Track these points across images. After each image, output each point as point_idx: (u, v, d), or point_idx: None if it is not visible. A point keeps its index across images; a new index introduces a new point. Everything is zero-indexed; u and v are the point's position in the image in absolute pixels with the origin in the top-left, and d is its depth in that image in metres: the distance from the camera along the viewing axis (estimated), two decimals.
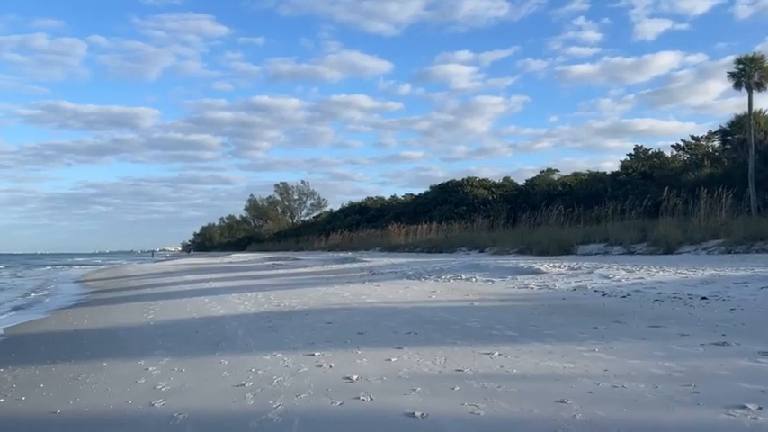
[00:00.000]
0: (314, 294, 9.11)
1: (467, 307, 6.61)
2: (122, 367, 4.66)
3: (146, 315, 8.12)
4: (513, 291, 7.97)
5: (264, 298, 9.10)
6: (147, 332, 6.53)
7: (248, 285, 12.04)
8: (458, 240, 24.10)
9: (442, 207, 40.81)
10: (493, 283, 8.90)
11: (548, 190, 38.81)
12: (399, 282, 10.31)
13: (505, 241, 19.75)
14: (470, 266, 11.01)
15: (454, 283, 9.51)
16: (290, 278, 13.85)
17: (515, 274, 9.41)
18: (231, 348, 5.06)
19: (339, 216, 57.08)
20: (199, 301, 9.34)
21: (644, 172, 31.17)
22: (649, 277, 7.68)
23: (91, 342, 6.29)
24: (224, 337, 5.67)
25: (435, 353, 4.20)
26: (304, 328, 5.85)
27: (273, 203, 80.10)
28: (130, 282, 17.25)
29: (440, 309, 6.56)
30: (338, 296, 8.57)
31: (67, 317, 9.05)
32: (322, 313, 6.83)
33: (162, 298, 10.59)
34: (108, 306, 10.21)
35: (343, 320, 6.16)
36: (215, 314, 7.60)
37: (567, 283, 8.06)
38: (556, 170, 44.04)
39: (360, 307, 7.22)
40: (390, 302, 7.47)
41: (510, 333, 4.83)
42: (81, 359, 5.25)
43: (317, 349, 4.67)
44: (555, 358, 3.84)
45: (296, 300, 8.50)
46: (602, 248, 15.74)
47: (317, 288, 10.22)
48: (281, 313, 7.14)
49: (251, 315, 7.20)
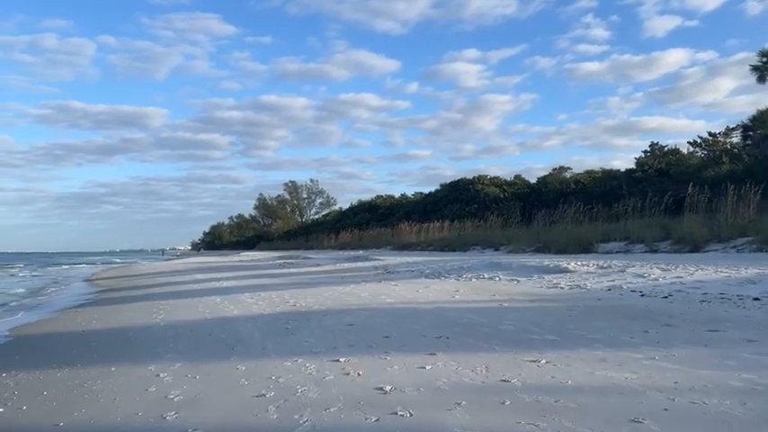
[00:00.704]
0: (330, 294, 8.75)
1: (495, 308, 6.21)
2: (132, 373, 4.33)
3: (156, 315, 7.81)
4: (542, 291, 7.54)
5: (279, 298, 8.76)
6: (158, 333, 6.20)
7: (261, 285, 11.71)
8: (471, 239, 23.65)
9: (453, 205, 40.36)
10: (518, 283, 8.48)
11: (560, 188, 38.34)
12: (418, 281, 9.91)
13: (521, 239, 19.30)
14: (491, 265, 10.59)
15: (477, 282, 9.10)
16: (303, 277, 13.50)
17: (541, 273, 8.98)
18: (248, 353, 4.71)
19: (348, 215, 56.72)
20: (211, 301, 9.02)
21: (660, 169, 30.54)
22: (688, 276, 7.23)
23: (99, 344, 5.97)
24: (239, 340, 5.32)
25: (473, 360, 3.81)
26: (324, 330, 5.49)
27: (283, 202, 79.96)
28: (140, 281, 17.01)
29: (466, 310, 6.17)
30: (355, 296, 8.20)
31: (76, 317, 8.77)
32: (341, 314, 6.46)
33: (172, 297, 10.29)
34: (117, 306, 9.93)
35: (364, 322, 5.79)
36: (228, 315, 7.26)
37: (599, 282, 7.63)
38: (568, 168, 43.48)
39: (380, 308, 6.85)
40: (411, 303, 7.09)
41: (551, 337, 4.43)
42: (88, 363, 4.93)
43: (341, 354, 4.30)
44: (611, 367, 3.44)
45: (312, 300, 8.14)
46: (622, 246, 15.26)
47: (332, 287, 9.86)
48: (298, 314, 6.78)
49: (266, 316, 6.85)
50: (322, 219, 67.46)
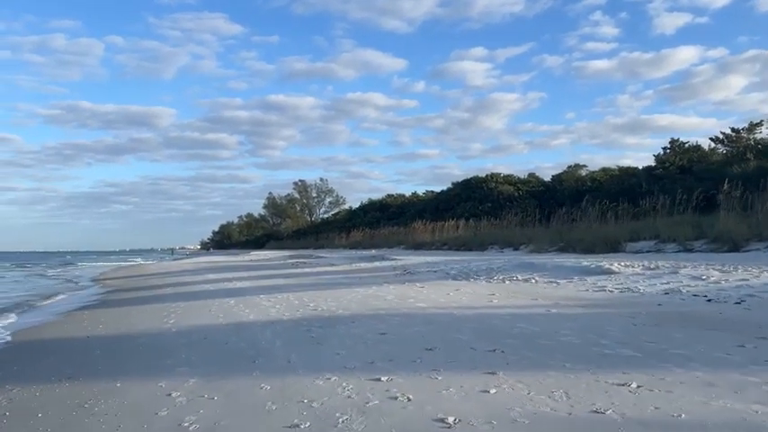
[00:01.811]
0: (352, 297, 8.14)
1: (544, 315, 5.56)
2: (139, 391, 3.76)
3: (167, 319, 7.25)
4: (589, 294, 6.87)
5: (297, 300, 8.16)
6: (169, 341, 5.63)
7: (275, 286, 11.13)
8: (488, 238, 22.93)
9: (466, 204, 39.67)
10: (558, 285, 7.80)
11: (576, 186, 37.63)
12: (445, 283, 9.26)
13: (542, 238, 18.58)
14: (523, 266, 9.91)
15: (511, 284, 8.43)
16: (319, 278, 12.90)
17: (581, 274, 8.30)
18: (271, 367, 4.12)
19: (359, 213, 56.12)
20: (224, 304, 8.45)
21: (682, 166, 29.65)
22: (754, 279, 6.52)
23: (104, 353, 5.41)
24: (260, 351, 4.72)
25: (545, 382, 3.18)
26: (355, 340, 4.88)
27: (292, 201, 79.57)
28: (150, 281, 16.51)
29: (511, 317, 5.52)
30: (381, 299, 7.58)
31: (82, 319, 8.24)
32: (370, 320, 5.85)
33: (183, 299, 9.74)
34: (126, 308, 9.39)
35: (398, 331, 5.17)
36: (244, 320, 6.68)
37: (651, 285, 6.95)
38: (584, 165, 42.68)
39: (411, 313, 6.22)
40: (445, 308, 6.45)
41: (627, 352, 3.78)
42: (91, 377, 4.37)
43: (381, 371, 3.69)
44: (726, 394, 2.79)
45: (333, 303, 7.54)
46: (653, 246, 14.51)
47: (353, 289, 9.25)
48: (321, 319, 6.18)
49: (286, 322, 6.25)
50: (332, 218, 66.92)
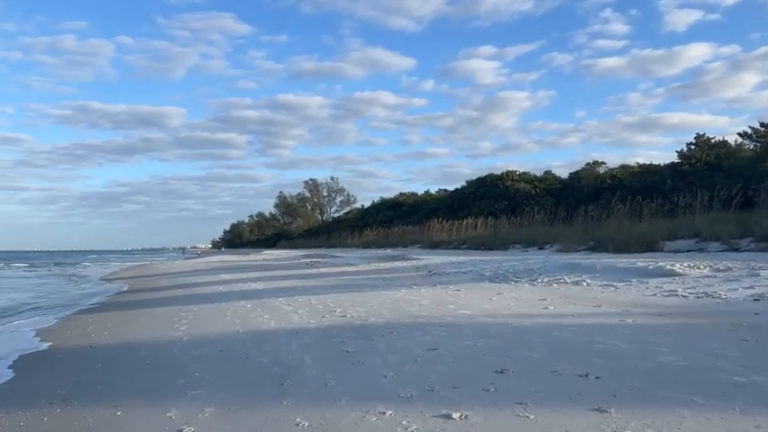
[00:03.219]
0: (381, 301, 7.35)
1: (621, 326, 4.73)
2: (144, 422, 3.03)
3: (178, 326, 6.52)
4: (659, 300, 6.02)
5: (321, 304, 7.40)
6: (180, 354, 4.89)
7: (293, 287, 10.38)
8: (510, 236, 22.03)
9: (481, 202, 38.77)
10: (617, 289, 6.95)
11: (595, 183, 36.73)
12: (481, 285, 8.42)
13: (570, 237, 17.67)
14: (567, 267, 9.05)
15: (560, 288, 7.57)
16: (339, 278, 12.13)
17: (640, 276, 7.44)
18: (305, 393, 3.35)
19: (371, 212, 55.42)
20: (240, 308, 7.71)
21: (709, 162, 28.56)
22: None
23: (106, 367, 4.68)
24: (288, 370, 3.96)
25: (683, 426, 2.37)
26: (400, 356, 4.09)
27: (303, 200, 79.06)
28: (160, 281, 15.84)
29: (583, 329, 4.69)
30: (415, 305, 6.78)
31: (87, 324, 7.54)
32: (411, 331, 5.05)
33: (195, 302, 9.02)
34: (134, 311, 8.68)
35: (450, 345, 4.37)
36: (264, 327, 5.93)
37: (731, 289, 6.08)
38: (602, 162, 41.69)
39: (458, 322, 5.42)
40: (495, 316, 5.64)
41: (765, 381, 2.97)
42: (87, 400, 3.65)
43: (447, 403, 2.90)
44: None
45: (361, 308, 6.76)
46: (693, 245, 13.58)
47: (379, 292, 8.46)
48: (354, 329, 5.40)
49: (313, 330, 5.49)
50: (343, 217, 66.26)
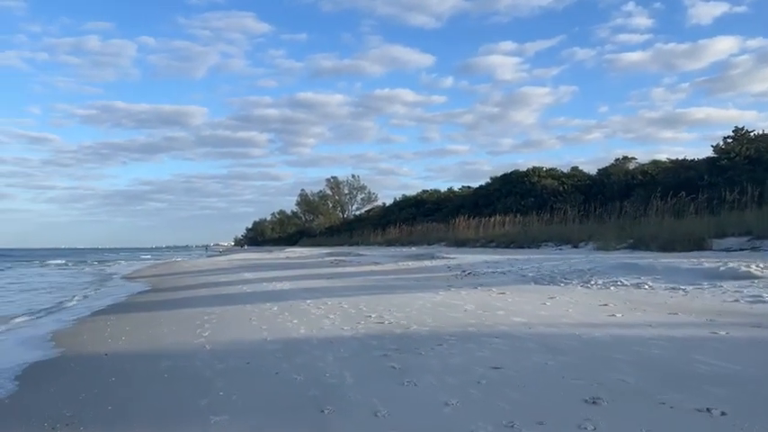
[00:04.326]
0: (419, 305, 6.73)
1: (711, 338, 4.03)
2: None
3: (200, 331, 6.01)
4: (743, 307, 5.27)
5: (353, 308, 6.81)
6: (203, 367, 4.35)
7: (321, 288, 9.83)
8: (541, 234, 21.20)
9: (507, 199, 37.92)
10: (687, 294, 6.19)
11: (625, 179, 35.63)
12: (526, 288, 7.72)
13: (606, 235, 16.82)
14: (622, 267, 8.28)
15: (619, 291, 6.81)
16: (367, 278, 11.55)
17: (710, 279, 6.66)
18: (350, 424, 2.77)
19: (393, 210, 54.85)
20: (266, 311, 7.18)
21: (749, 156, 27.26)
22: None
23: (120, 381, 4.17)
24: (327, 391, 3.37)
25: None
26: (459, 377, 3.47)
27: (324, 198, 79.07)
28: (183, 280, 15.48)
29: (672, 343, 3.98)
30: (459, 310, 6.14)
31: (105, 327, 7.10)
32: (462, 343, 4.42)
33: (219, 303, 8.53)
34: (155, 312, 8.22)
35: (515, 362, 3.73)
36: (294, 335, 5.36)
37: None
38: (632, 158, 40.50)
39: (515, 332, 4.77)
40: (557, 325, 4.96)
41: None
42: (95, 424, 3.13)
43: None
44: None
45: (399, 313, 6.15)
46: (745, 243, 12.68)
47: (414, 294, 7.85)
48: (395, 339, 4.79)
49: (349, 340, 4.90)
50: (365, 214, 65.84)
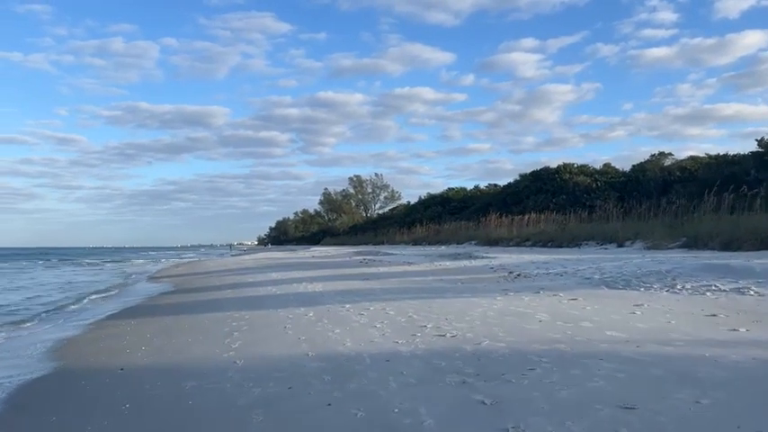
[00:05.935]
0: (480, 312, 5.82)
1: None
2: None
3: (229, 341, 5.23)
4: None
5: (400, 315, 5.94)
6: (234, 391, 3.53)
7: (356, 290, 8.99)
8: (581, 232, 20.06)
9: (537, 196, 36.76)
10: None
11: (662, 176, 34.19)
12: (600, 293, 6.71)
13: (657, 233, 15.65)
14: (709, 269, 7.22)
15: (719, 298, 5.76)
16: (404, 280, 10.66)
17: None
18: None
19: (419, 208, 53.96)
20: (301, 317, 6.36)
21: None
22: None
23: (135, 408, 3.38)
24: None
25: None
26: (579, 422, 2.57)
27: (347, 197, 78.59)
28: (209, 280, 14.81)
29: None
30: (533, 320, 5.20)
31: (124, 333, 6.38)
32: (561, 367, 3.51)
33: (248, 307, 7.76)
34: (179, 317, 7.49)
35: (650, 399, 2.81)
36: (340, 349, 4.52)
37: None
38: (669, 154, 38.93)
39: (620, 352, 3.82)
40: (671, 344, 3.98)
41: None
42: None
43: None
44: None
45: (459, 323, 5.25)
46: None
47: (467, 299, 6.93)
48: (467, 358, 3.90)
49: (409, 358, 4.03)
50: (389, 213, 65.03)
